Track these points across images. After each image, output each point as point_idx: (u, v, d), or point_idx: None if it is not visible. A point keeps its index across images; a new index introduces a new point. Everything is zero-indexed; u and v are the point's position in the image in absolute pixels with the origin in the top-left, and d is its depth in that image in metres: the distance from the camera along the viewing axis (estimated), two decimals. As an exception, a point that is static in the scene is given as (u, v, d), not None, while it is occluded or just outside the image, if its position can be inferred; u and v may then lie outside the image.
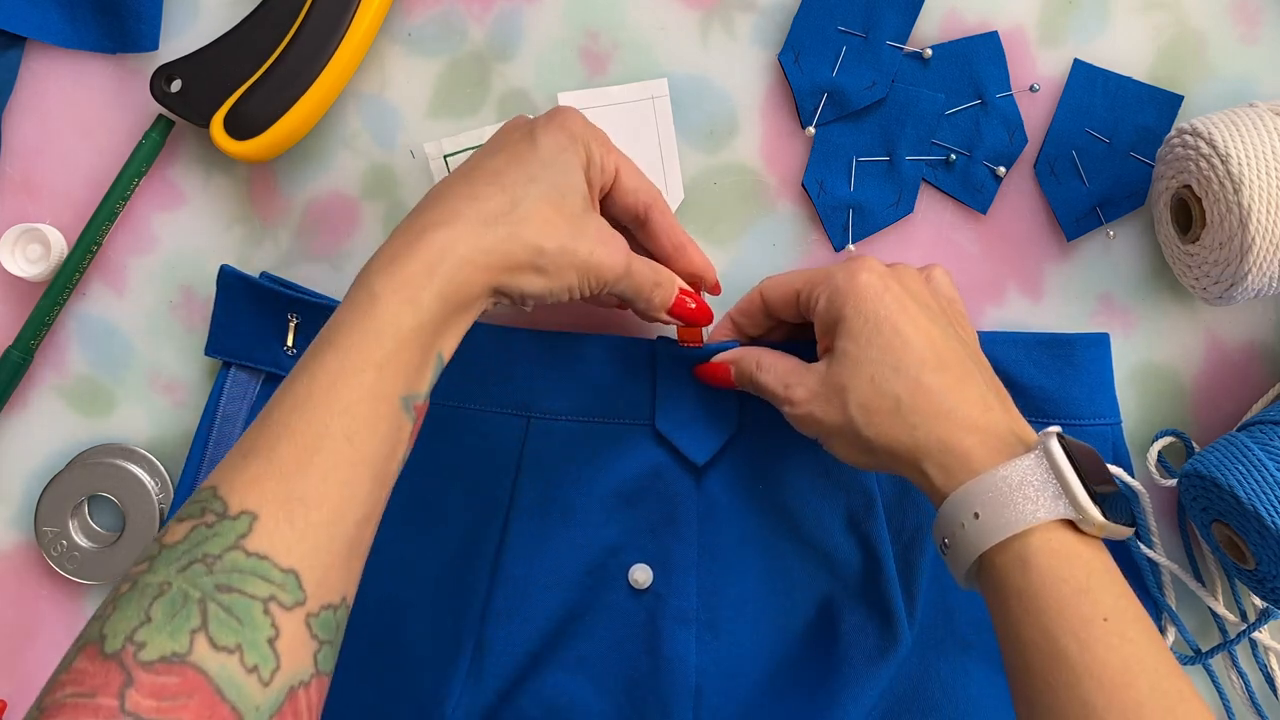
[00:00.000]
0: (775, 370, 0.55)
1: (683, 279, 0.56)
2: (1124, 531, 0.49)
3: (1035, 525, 0.47)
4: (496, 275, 0.49)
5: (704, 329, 0.58)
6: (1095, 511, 0.47)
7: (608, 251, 0.51)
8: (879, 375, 0.51)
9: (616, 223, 0.55)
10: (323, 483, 0.44)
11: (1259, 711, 0.61)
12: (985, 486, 0.48)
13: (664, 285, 0.55)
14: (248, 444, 0.45)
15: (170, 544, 0.42)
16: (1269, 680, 0.61)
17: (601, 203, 0.55)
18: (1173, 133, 0.58)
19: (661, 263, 0.56)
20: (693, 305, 0.56)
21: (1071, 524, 0.48)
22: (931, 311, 0.52)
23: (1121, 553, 0.59)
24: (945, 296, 0.55)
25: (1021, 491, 0.47)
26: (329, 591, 0.44)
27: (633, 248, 0.54)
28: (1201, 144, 0.55)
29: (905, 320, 0.51)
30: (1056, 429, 0.49)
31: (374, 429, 0.46)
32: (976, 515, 0.48)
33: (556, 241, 0.50)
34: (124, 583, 0.42)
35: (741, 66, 0.62)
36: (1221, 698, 0.62)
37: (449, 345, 0.49)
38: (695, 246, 0.57)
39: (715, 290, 0.58)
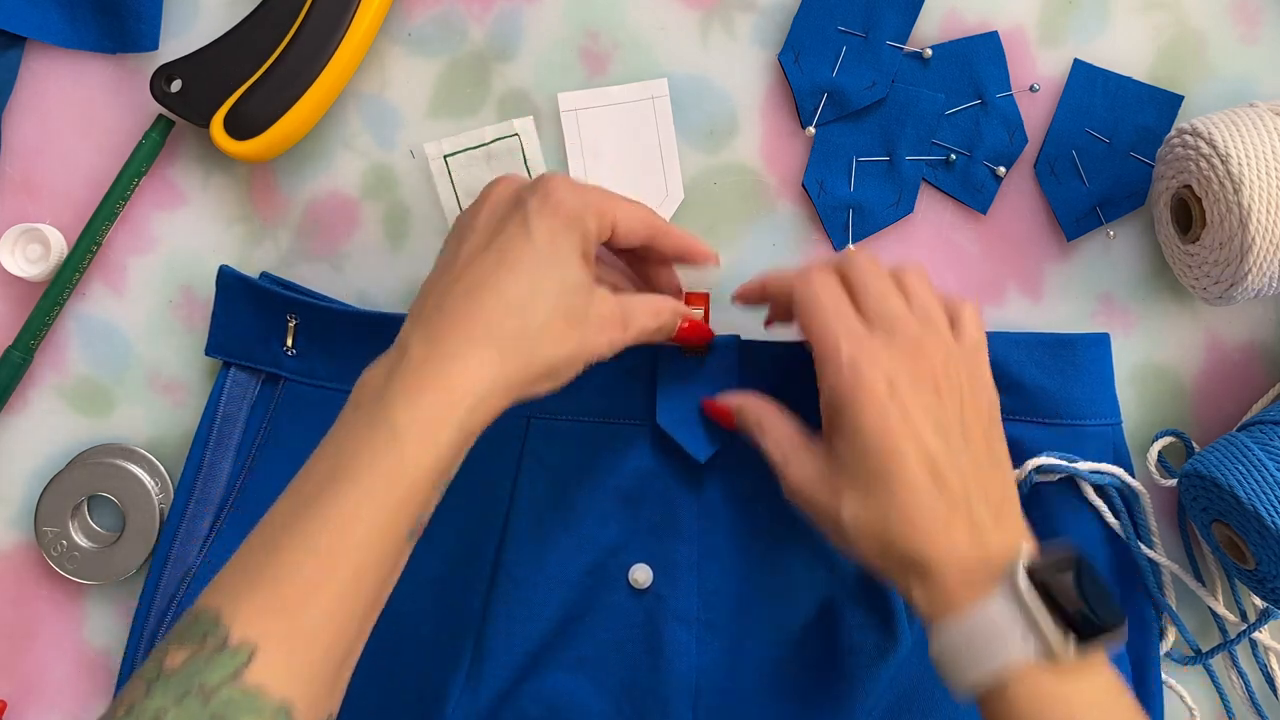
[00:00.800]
0: (776, 437, 0.53)
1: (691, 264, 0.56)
2: (1114, 641, 0.47)
3: (1010, 666, 0.46)
4: (513, 396, 0.49)
5: (708, 314, 0.59)
6: (1067, 649, 0.45)
7: (610, 335, 0.51)
8: (873, 492, 0.49)
9: (617, 251, 0.55)
10: (326, 619, 0.45)
11: (1259, 711, 0.61)
12: (960, 628, 0.47)
13: (665, 325, 0.54)
14: (253, 567, 0.45)
15: (169, 670, 0.43)
16: (1269, 680, 0.61)
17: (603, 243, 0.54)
18: (1173, 133, 0.58)
19: (665, 269, 0.56)
20: (687, 323, 0.56)
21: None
22: (939, 421, 0.50)
23: (1122, 553, 0.59)
24: (969, 351, 0.52)
25: (992, 634, 0.46)
26: (317, 713, 0.45)
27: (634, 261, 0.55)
28: (1201, 144, 0.55)
29: (906, 438, 0.49)
30: (1028, 553, 0.47)
31: (379, 565, 0.46)
32: (956, 651, 0.47)
33: (567, 350, 0.50)
34: (120, 706, 0.43)
35: (741, 66, 0.62)
36: (1221, 698, 0.62)
37: (457, 466, 0.49)
38: (698, 247, 0.56)
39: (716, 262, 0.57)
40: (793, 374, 0.59)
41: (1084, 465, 0.58)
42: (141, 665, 0.45)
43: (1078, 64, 0.62)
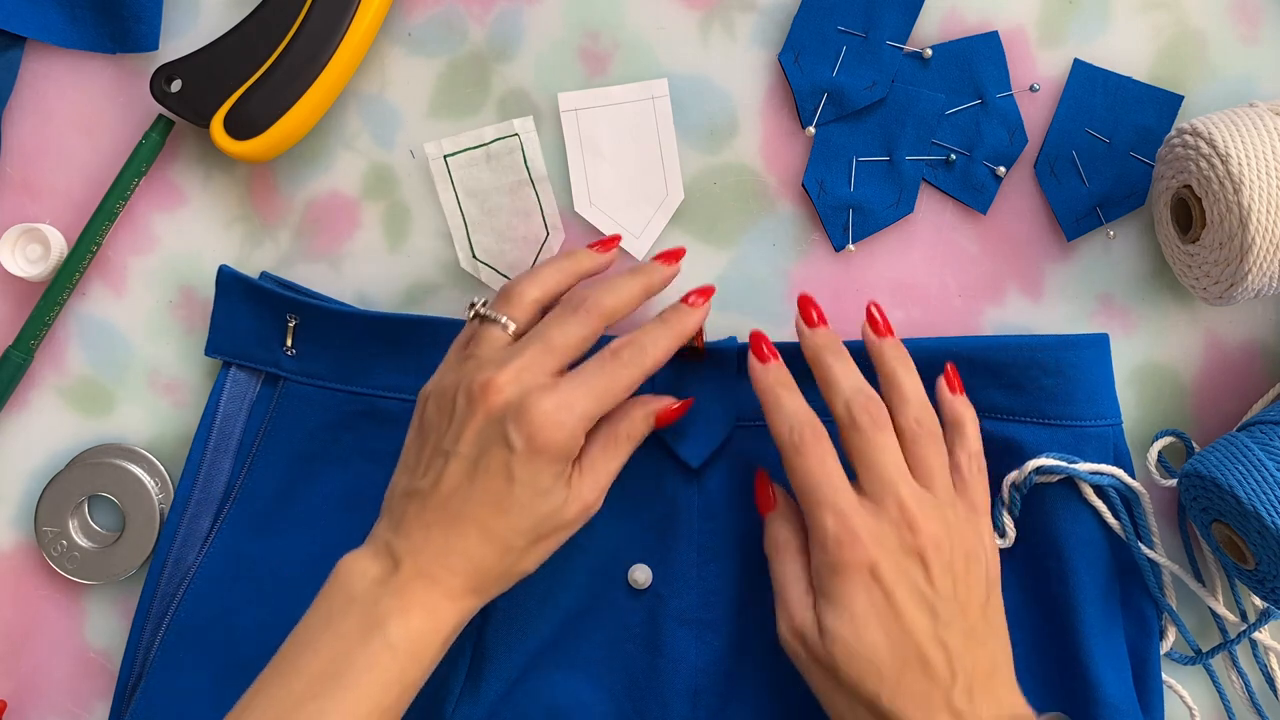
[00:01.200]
0: (782, 567, 0.54)
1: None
2: None
3: None
4: (491, 599, 0.53)
5: (703, 331, 0.58)
6: None
7: (586, 516, 0.53)
8: (859, 667, 0.50)
9: None
10: None
11: (1259, 711, 0.61)
12: None
13: (640, 434, 0.55)
14: None
15: None
16: (1269, 680, 0.61)
17: None
18: (1173, 133, 0.58)
19: None
20: (674, 409, 0.56)
21: None
22: (926, 598, 0.50)
23: (1122, 553, 0.59)
24: (965, 515, 0.52)
25: None
26: None
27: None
28: (1201, 144, 0.55)
29: (891, 616, 0.50)
30: None
31: None
32: None
33: (539, 559, 0.53)
34: None
35: (741, 66, 0.62)
36: (1221, 698, 0.62)
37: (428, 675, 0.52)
38: (682, 319, 0.56)
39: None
40: (790, 370, 0.59)
41: (1084, 466, 0.58)
42: None
43: (1078, 64, 0.62)
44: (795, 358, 0.59)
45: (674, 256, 0.58)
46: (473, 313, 0.55)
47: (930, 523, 0.51)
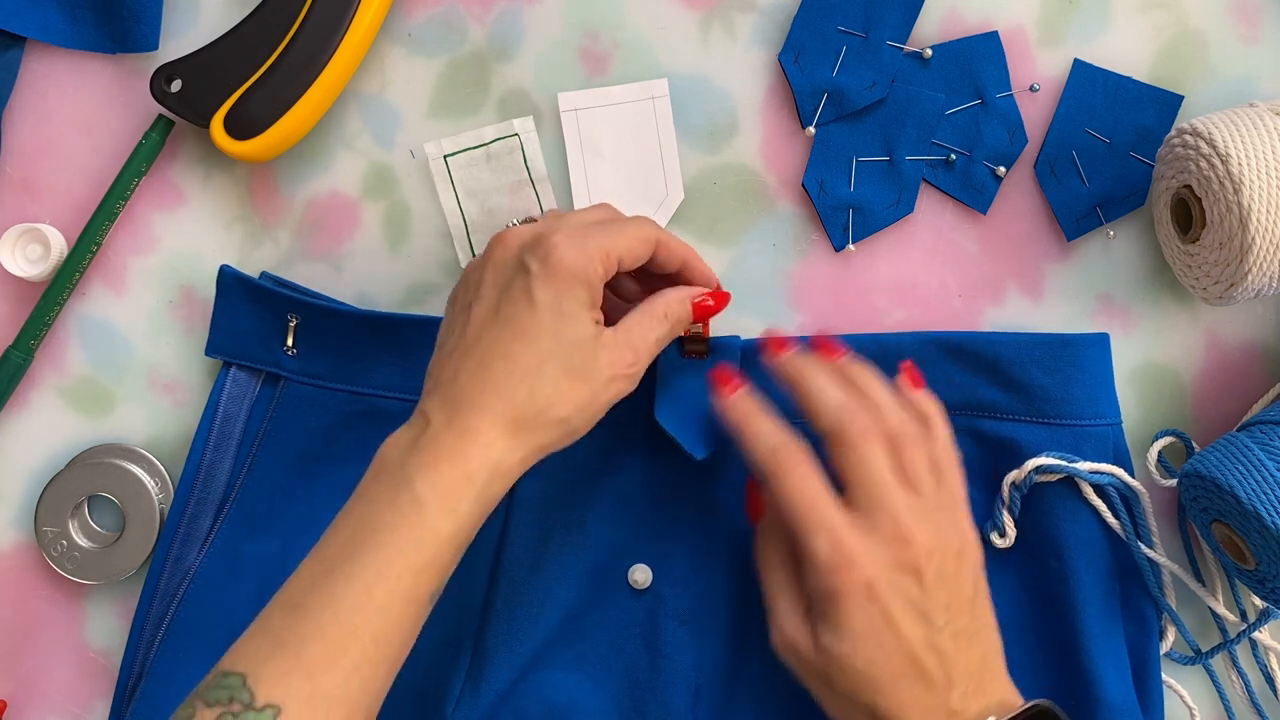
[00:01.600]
0: (771, 578, 0.54)
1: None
2: None
3: None
4: (531, 458, 0.51)
5: (708, 326, 0.58)
6: None
7: (622, 371, 0.52)
8: (856, 681, 0.50)
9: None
10: (346, 681, 0.47)
11: (1259, 711, 0.61)
12: None
13: (676, 319, 0.55)
14: (278, 629, 0.47)
15: None
16: (1269, 680, 0.61)
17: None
18: (1173, 133, 0.58)
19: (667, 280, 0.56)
20: (710, 302, 0.56)
21: None
22: (920, 608, 0.50)
23: (1122, 553, 0.59)
24: (950, 509, 0.53)
25: None
26: None
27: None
28: (1201, 144, 0.55)
29: (888, 633, 0.50)
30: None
31: (400, 628, 0.48)
32: None
33: (576, 405, 0.51)
34: None
35: (741, 66, 0.62)
36: (1221, 698, 0.62)
37: (476, 530, 0.51)
38: (696, 259, 0.56)
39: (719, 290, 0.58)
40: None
41: (1084, 465, 0.58)
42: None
43: (1078, 64, 0.62)
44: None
45: (720, 300, 0.57)
46: (510, 224, 0.56)
47: (922, 534, 0.51)
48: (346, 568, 0.48)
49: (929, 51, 0.61)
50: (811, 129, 0.62)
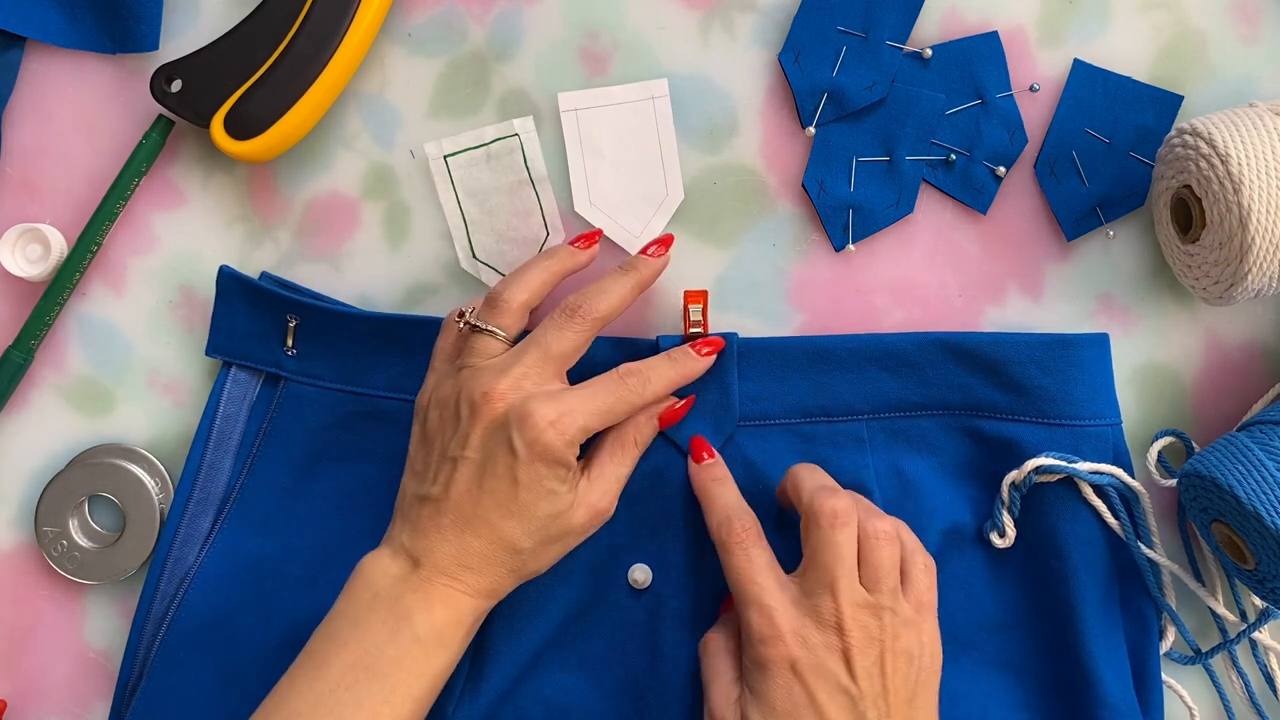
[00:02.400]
0: (711, 661, 0.55)
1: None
2: None
3: None
4: (508, 593, 0.55)
5: (706, 325, 0.59)
6: None
7: (597, 521, 0.55)
8: None
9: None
10: None
11: (1259, 711, 0.61)
12: None
13: (647, 437, 0.58)
14: None
15: None
16: (1269, 680, 0.61)
17: None
18: (1173, 133, 0.58)
19: None
20: (676, 405, 0.58)
21: None
22: (849, 697, 0.51)
23: (1122, 553, 0.59)
24: (907, 617, 0.53)
25: None
26: None
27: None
28: (1201, 144, 0.55)
29: (810, 712, 0.50)
30: None
31: None
32: None
33: (552, 560, 0.55)
34: None
35: (741, 66, 0.62)
36: (1221, 698, 0.62)
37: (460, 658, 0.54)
38: (678, 380, 0.58)
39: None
40: (789, 369, 0.59)
41: (1084, 466, 0.58)
42: None
43: (1078, 64, 0.62)
44: (787, 353, 0.59)
45: (663, 245, 0.59)
46: (463, 323, 0.56)
47: (860, 626, 0.51)
48: (354, 693, 0.50)
49: (929, 51, 0.61)
50: (811, 129, 0.62)
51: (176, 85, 0.61)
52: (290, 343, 0.61)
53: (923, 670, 0.53)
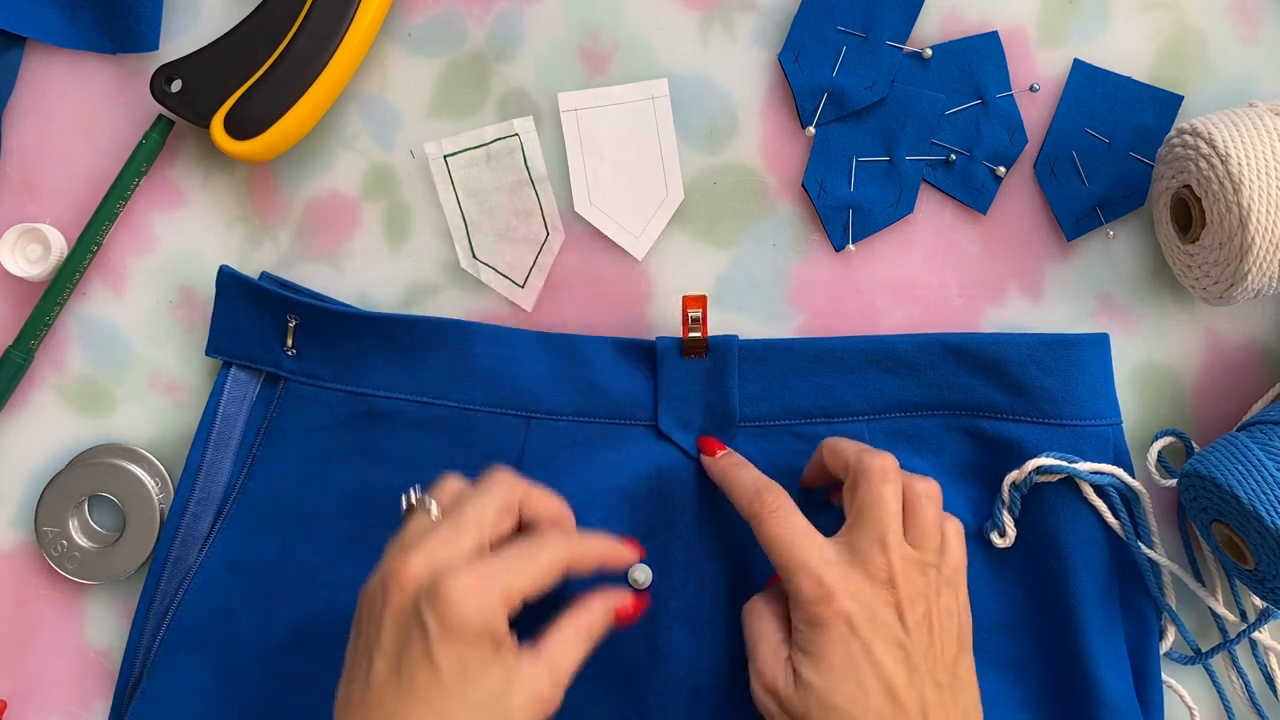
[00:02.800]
0: (755, 625, 0.54)
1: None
2: None
3: None
4: None
5: (706, 324, 0.59)
6: None
7: (541, 711, 0.49)
8: (834, 718, 0.50)
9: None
10: None
11: (1259, 711, 0.61)
12: None
13: (596, 632, 0.53)
14: None
15: None
16: (1269, 680, 0.61)
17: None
18: (1173, 133, 0.58)
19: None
20: (630, 609, 0.54)
21: None
22: (902, 650, 0.50)
23: (1122, 553, 0.59)
24: (947, 576, 0.53)
25: None
26: None
27: None
28: (1201, 144, 0.55)
29: (868, 668, 0.50)
30: None
31: None
32: None
33: None
34: None
35: (741, 66, 0.62)
36: (1221, 698, 0.62)
37: None
38: (611, 555, 0.54)
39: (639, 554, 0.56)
40: (790, 371, 0.59)
41: (1084, 466, 0.58)
42: None
43: (1078, 64, 0.62)
44: (787, 354, 0.59)
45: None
46: (405, 505, 0.53)
47: (909, 581, 0.51)
48: None
49: (929, 51, 0.61)
50: (811, 129, 0.62)
51: (176, 85, 0.61)
52: (290, 343, 0.61)
53: (962, 629, 0.53)
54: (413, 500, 0.53)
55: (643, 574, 0.59)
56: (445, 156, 0.63)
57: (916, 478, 0.54)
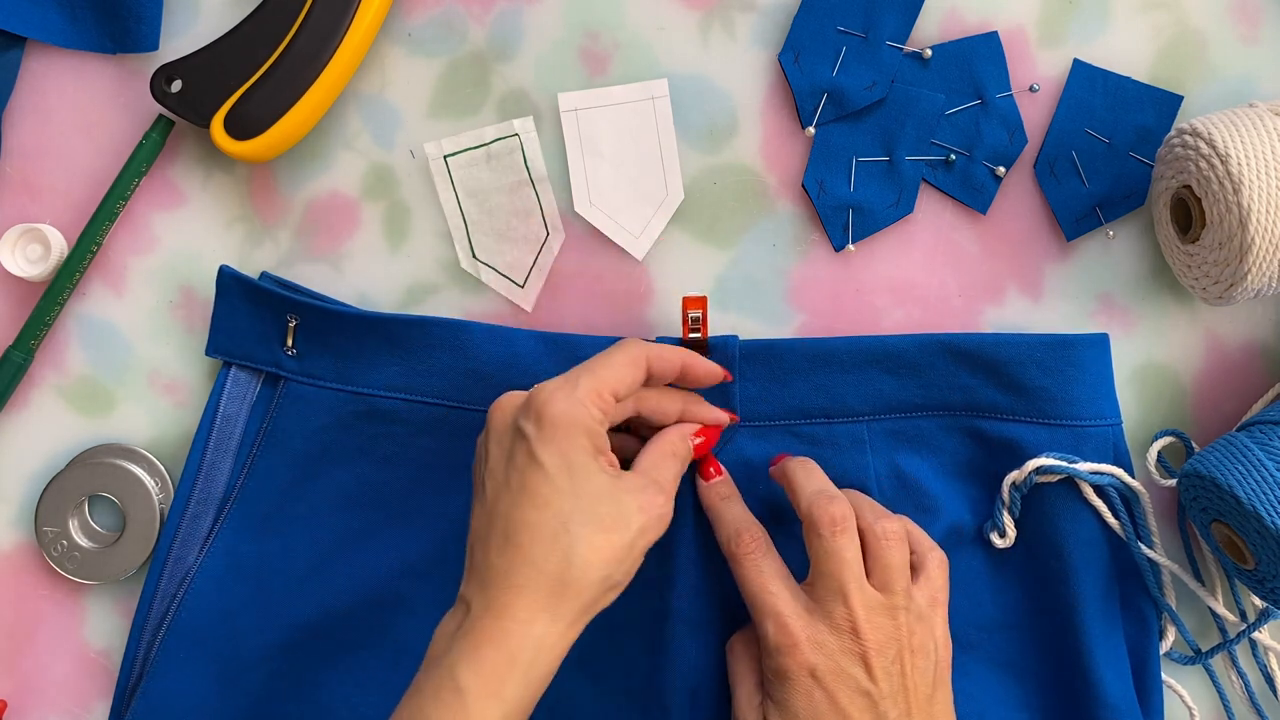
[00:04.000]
0: (735, 666, 0.55)
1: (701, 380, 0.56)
2: None
3: None
4: (577, 627, 0.50)
5: (706, 324, 0.59)
6: None
7: (653, 515, 0.51)
8: None
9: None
10: None
11: (1259, 711, 0.61)
12: None
13: (683, 457, 0.55)
14: None
15: None
16: (1269, 680, 0.61)
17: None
18: (1172, 133, 0.58)
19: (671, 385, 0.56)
20: (702, 440, 0.56)
21: None
22: (869, 698, 0.51)
23: (1122, 553, 0.59)
24: (921, 611, 0.53)
25: None
26: None
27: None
28: (1201, 144, 0.55)
29: (833, 717, 0.50)
30: None
31: None
32: None
33: (614, 558, 0.49)
34: None
35: (741, 66, 0.62)
36: (1221, 698, 0.62)
37: (530, 710, 0.49)
38: (693, 358, 0.56)
39: (728, 378, 0.58)
40: (790, 371, 0.59)
41: (1084, 466, 0.58)
42: None
43: (1078, 64, 0.62)
44: (786, 354, 0.59)
45: (715, 434, 0.57)
46: None
47: (876, 628, 0.51)
48: None
49: (929, 51, 0.61)
50: (811, 129, 0.62)
51: (176, 85, 0.61)
52: (290, 342, 0.61)
53: (938, 665, 0.53)
54: None
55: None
56: (445, 156, 0.63)
57: (882, 517, 0.54)
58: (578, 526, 0.49)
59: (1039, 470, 0.58)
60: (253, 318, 0.61)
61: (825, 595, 0.52)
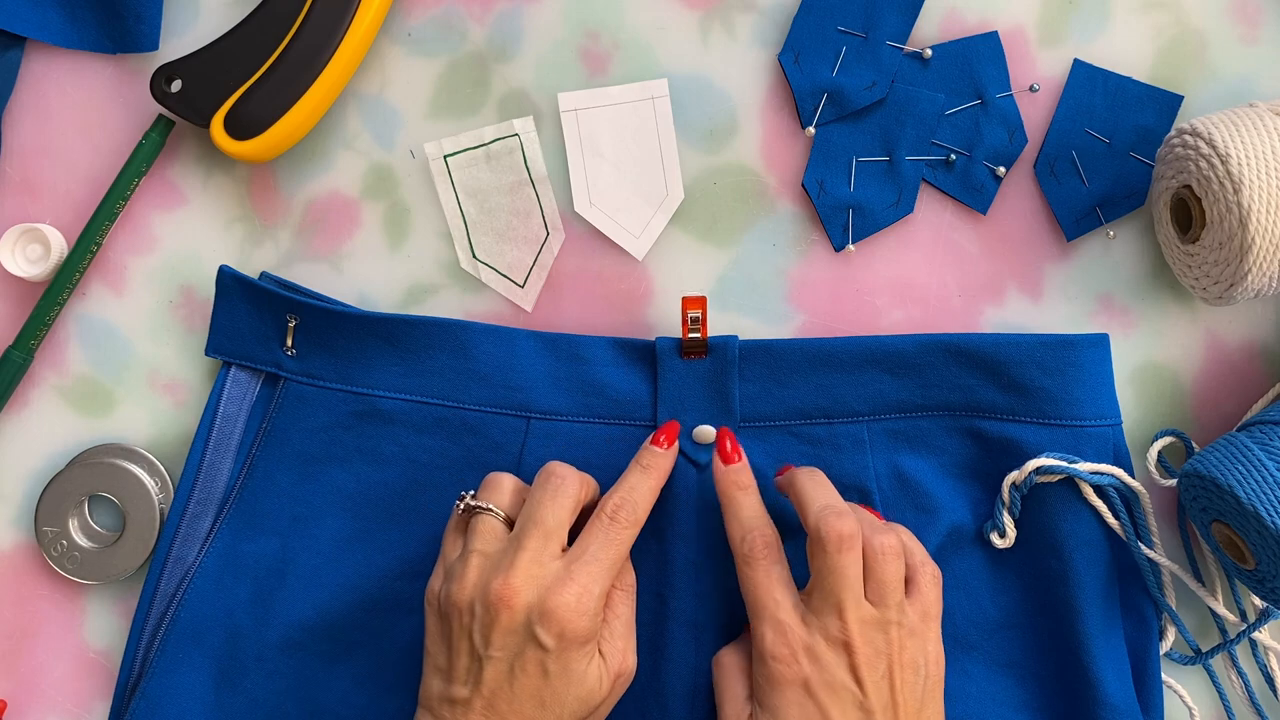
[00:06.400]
0: (723, 679, 0.55)
1: None
2: None
3: None
4: None
5: (705, 325, 0.59)
6: None
7: (620, 685, 0.55)
8: None
9: None
10: None
11: (1259, 711, 0.61)
12: None
13: (626, 583, 0.56)
14: None
15: None
16: (1269, 680, 0.61)
17: None
18: (1173, 133, 0.58)
19: None
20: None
21: None
22: (861, 707, 0.51)
23: (1122, 553, 0.59)
24: (912, 624, 0.53)
25: None
26: None
27: None
28: (1201, 144, 0.55)
29: None
30: None
31: None
32: None
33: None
34: None
35: (741, 66, 0.62)
36: (1221, 698, 0.62)
37: None
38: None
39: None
40: (790, 371, 0.59)
41: (1084, 466, 0.58)
42: None
43: (1078, 64, 0.62)
44: (786, 354, 0.59)
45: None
46: (462, 506, 0.56)
47: (868, 642, 0.52)
48: None
49: (929, 51, 0.61)
50: (811, 129, 0.62)
51: (176, 85, 0.61)
52: (290, 342, 0.61)
53: (929, 679, 0.53)
54: (469, 503, 0.55)
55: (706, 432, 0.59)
56: (445, 156, 0.63)
57: (879, 532, 0.54)
58: (568, 717, 0.52)
59: (1039, 470, 0.58)
60: (252, 318, 0.61)
61: (822, 608, 0.52)
